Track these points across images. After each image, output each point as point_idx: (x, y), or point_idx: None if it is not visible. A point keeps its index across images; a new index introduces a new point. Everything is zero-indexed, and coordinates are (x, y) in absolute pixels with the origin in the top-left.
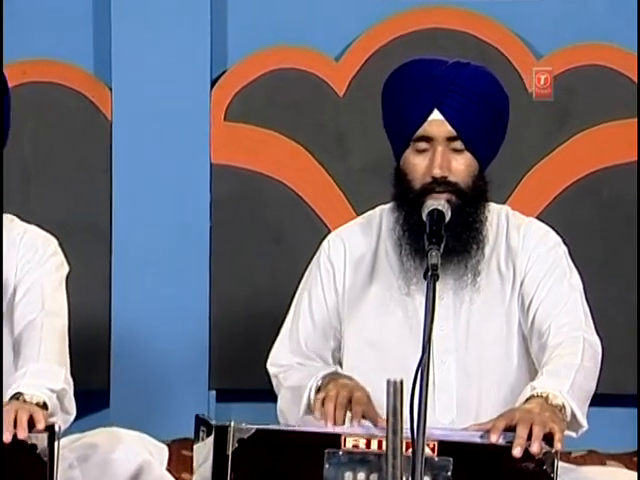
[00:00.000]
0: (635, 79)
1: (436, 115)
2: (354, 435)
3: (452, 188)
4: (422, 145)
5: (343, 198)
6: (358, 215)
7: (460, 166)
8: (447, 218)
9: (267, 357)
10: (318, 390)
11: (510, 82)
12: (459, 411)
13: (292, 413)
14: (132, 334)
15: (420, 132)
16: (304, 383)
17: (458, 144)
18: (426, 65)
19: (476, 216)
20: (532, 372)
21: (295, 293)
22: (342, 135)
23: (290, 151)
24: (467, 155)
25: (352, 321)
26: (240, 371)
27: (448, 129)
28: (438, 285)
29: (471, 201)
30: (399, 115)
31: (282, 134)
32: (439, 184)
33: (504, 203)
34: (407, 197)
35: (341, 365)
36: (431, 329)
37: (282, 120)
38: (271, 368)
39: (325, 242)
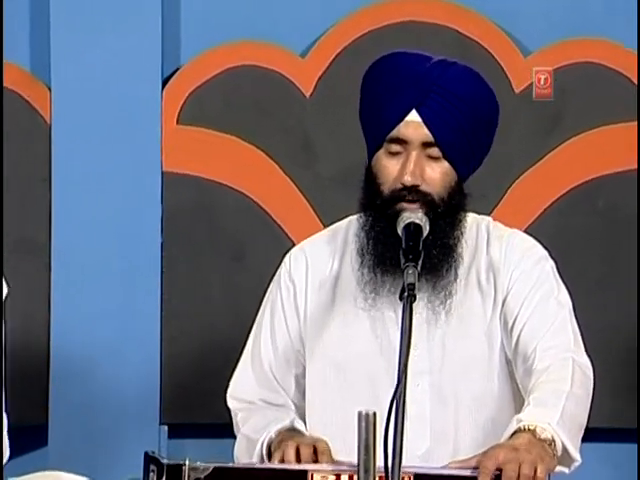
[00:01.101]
0: (634, 79)
1: (414, 116)
2: (322, 471)
3: (423, 199)
4: (395, 147)
5: (310, 210)
6: (325, 227)
7: (435, 175)
8: (425, 232)
9: (226, 388)
10: (270, 447)
11: (495, 81)
12: (434, 440)
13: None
14: (73, 362)
15: (394, 133)
16: (257, 437)
17: (435, 151)
18: (408, 60)
19: (449, 232)
20: (516, 398)
21: (257, 313)
22: (309, 140)
23: (251, 158)
24: (444, 164)
25: (316, 344)
26: (195, 403)
27: (425, 133)
28: None
29: (444, 215)
30: (375, 111)
31: (242, 139)
32: (409, 192)
33: (489, 214)
34: (374, 202)
35: (304, 394)
36: (407, 356)
37: (242, 123)
38: (231, 402)
39: (287, 257)
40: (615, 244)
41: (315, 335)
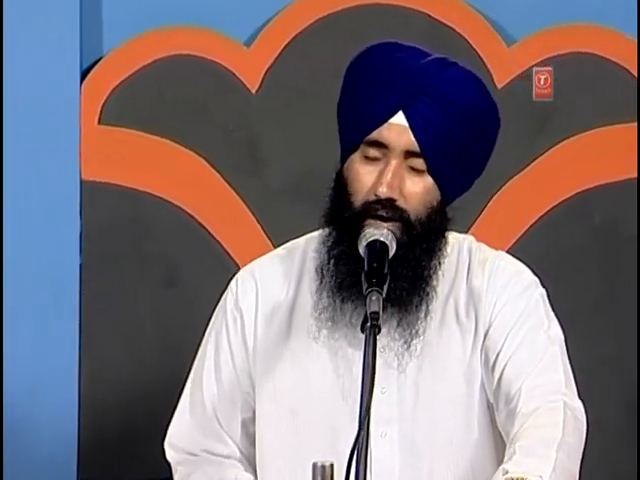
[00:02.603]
0: (635, 71)
1: (399, 119)
2: None
3: (398, 216)
4: (373, 152)
5: (257, 226)
6: (275, 246)
7: (415, 189)
8: (392, 252)
9: (157, 438)
10: None
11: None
12: None
13: None
14: None
15: (374, 135)
16: None
17: (418, 162)
18: (400, 53)
19: (425, 261)
20: (499, 446)
21: (197, 349)
22: (255, 143)
23: (187, 164)
24: (427, 179)
25: (267, 384)
26: (120, 456)
27: (410, 140)
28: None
29: (419, 240)
30: (356, 107)
31: (176, 142)
32: (383, 206)
33: (467, 231)
34: (341, 214)
35: (254, 442)
36: (371, 396)
37: (176, 124)
38: (169, 452)
39: (233, 281)
40: (613, 265)
41: (267, 374)
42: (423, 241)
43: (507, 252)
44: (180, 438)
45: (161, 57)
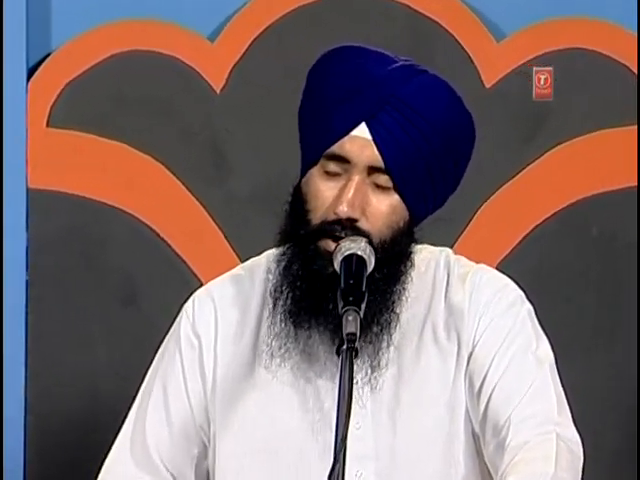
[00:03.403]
0: (634, 68)
1: (362, 132)
2: None
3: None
4: (334, 167)
5: (222, 238)
6: (242, 262)
7: (380, 208)
8: (370, 267)
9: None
10: None
11: (459, 72)
12: None
13: None
14: None
15: (335, 149)
16: None
17: (383, 179)
18: (364, 58)
19: (386, 287)
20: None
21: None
22: (219, 148)
23: (144, 171)
24: (394, 197)
25: (229, 419)
26: None
27: (373, 154)
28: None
29: (382, 264)
30: (316, 117)
31: (132, 146)
32: (343, 227)
33: (453, 244)
34: (297, 232)
35: None
36: (347, 426)
37: (132, 126)
38: None
39: (189, 303)
40: (611, 279)
41: (228, 407)
42: (385, 266)
43: (497, 267)
44: (116, 473)
45: (116, 53)
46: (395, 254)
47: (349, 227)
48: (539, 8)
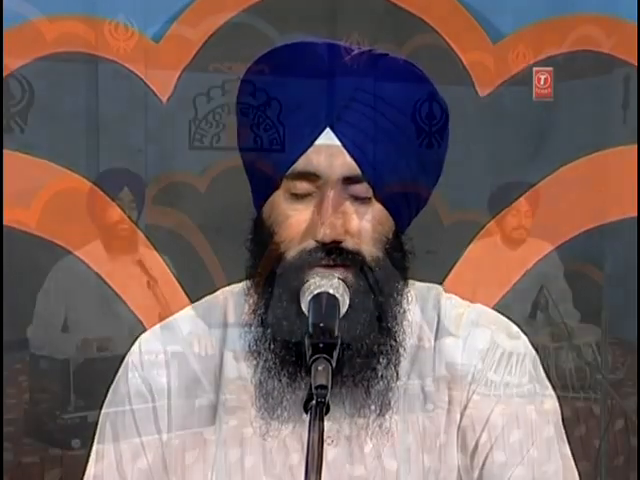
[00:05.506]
0: (635, 62)
1: (327, 138)
2: None
3: (350, 260)
4: (302, 186)
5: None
6: (193, 300)
7: (365, 224)
8: (344, 308)
9: None
10: None
11: (448, 80)
12: None
13: None
14: None
15: (299, 165)
16: None
17: (362, 189)
18: (315, 52)
19: (387, 310)
20: None
21: (94, 432)
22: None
23: (77, 192)
24: (376, 207)
25: None
26: None
27: (346, 162)
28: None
29: (379, 283)
30: (267, 132)
31: (62, 165)
32: (328, 253)
33: (442, 282)
34: (272, 271)
35: None
36: None
37: (59, 140)
38: None
39: (135, 347)
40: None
41: (186, 471)
42: (382, 284)
43: (493, 308)
44: None
45: (45, 54)
46: (390, 270)
47: (335, 251)
48: (538, 8)
